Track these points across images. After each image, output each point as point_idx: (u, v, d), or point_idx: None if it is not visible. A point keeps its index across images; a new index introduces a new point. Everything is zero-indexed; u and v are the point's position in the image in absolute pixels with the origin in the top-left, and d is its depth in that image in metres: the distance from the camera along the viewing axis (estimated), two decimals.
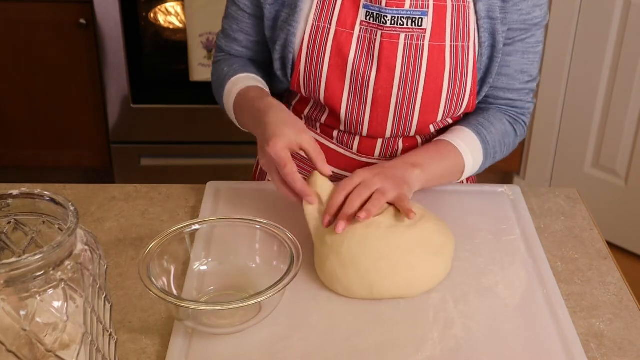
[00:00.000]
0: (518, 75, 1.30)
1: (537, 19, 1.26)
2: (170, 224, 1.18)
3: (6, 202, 0.81)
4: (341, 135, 1.34)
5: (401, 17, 1.21)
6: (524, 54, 1.29)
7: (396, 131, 1.30)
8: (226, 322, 1.00)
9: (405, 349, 0.99)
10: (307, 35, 1.25)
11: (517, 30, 1.26)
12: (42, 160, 2.77)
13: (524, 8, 1.24)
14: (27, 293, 0.74)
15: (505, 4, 1.23)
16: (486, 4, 1.22)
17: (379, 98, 1.25)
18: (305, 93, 1.30)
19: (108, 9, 2.47)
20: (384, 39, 1.22)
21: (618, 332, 1.06)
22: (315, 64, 1.25)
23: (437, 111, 1.28)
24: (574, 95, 2.68)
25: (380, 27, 1.22)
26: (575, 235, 1.25)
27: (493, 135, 1.30)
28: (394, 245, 1.08)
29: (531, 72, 1.31)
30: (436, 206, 1.23)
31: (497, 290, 1.10)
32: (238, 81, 1.30)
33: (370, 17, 1.22)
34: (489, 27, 1.24)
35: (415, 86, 1.24)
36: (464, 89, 1.27)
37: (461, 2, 1.22)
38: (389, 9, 1.21)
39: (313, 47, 1.25)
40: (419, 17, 1.21)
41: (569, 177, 2.78)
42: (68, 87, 2.63)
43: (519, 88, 1.32)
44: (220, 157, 2.73)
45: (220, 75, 1.35)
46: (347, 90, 1.26)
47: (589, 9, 2.54)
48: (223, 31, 1.37)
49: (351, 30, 1.23)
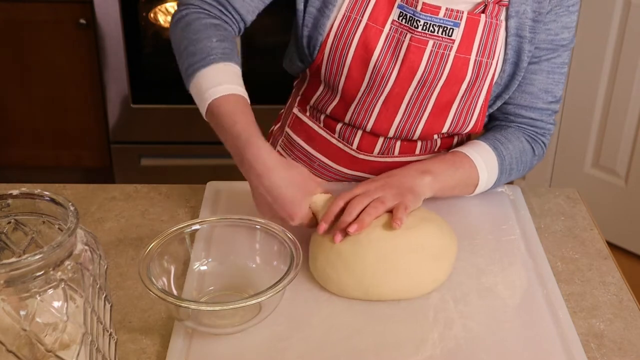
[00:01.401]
0: (542, 94, 1.30)
1: (565, 40, 1.27)
2: (170, 224, 1.18)
3: (6, 202, 0.81)
4: (344, 129, 1.33)
5: (433, 24, 1.21)
6: (549, 74, 1.29)
7: (400, 132, 1.30)
8: (226, 322, 1.00)
9: (405, 349, 0.99)
10: (336, 22, 1.24)
11: (545, 49, 1.26)
12: (42, 160, 2.77)
13: (553, 29, 1.25)
14: (27, 293, 0.74)
15: (536, 24, 1.23)
16: (517, 22, 1.23)
17: (393, 95, 1.25)
18: (324, 77, 1.29)
19: (108, 9, 2.47)
20: (412, 43, 1.22)
21: (618, 332, 1.06)
22: (340, 52, 1.25)
23: (444, 121, 1.28)
24: (574, 95, 2.67)
25: (411, 31, 1.21)
26: (575, 235, 1.25)
27: (510, 151, 1.28)
28: (391, 248, 1.07)
29: (555, 93, 1.31)
30: (436, 206, 1.23)
31: (497, 290, 1.10)
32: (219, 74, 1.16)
33: (403, 19, 1.22)
34: (516, 45, 1.24)
35: (430, 91, 1.25)
36: (475, 104, 1.27)
37: (494, 20, 1.22)
38: (423, 14, 1.21)
39: (341, 36, 1.24)
40: (451, 28, 1.21)
41: (569, 177, 2.78)
42: (68, 87, 2.63)
43: (542, 107, 1.31)
44: (220, 157, 2.70)
45: (190, 39, 1.19)
46: (365, 82, 1.25)
47: (589, 9, 2.54)
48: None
49: (381, 27, 1.23)
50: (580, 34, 2.59)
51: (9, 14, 2.50)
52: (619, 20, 2.49)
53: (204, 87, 1.15)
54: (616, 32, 2.51)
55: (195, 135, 2.70)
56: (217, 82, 1.15)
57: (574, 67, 2.64)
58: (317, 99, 1.34)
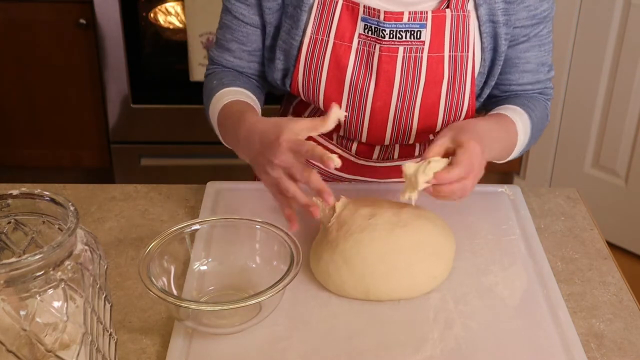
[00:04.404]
0: (540, 68, 1.31)
1: (546, 11, 1.27)
2: (170, 224, 1.18)
3: (6, 202, 0.81)
4: (340, 138, 1.34)
5: (399, 30, 1.20)
6: (540, 47, 1.29)
7: (395, 139, 1.30)
8: (226, 322, 1.00)
9: (405, 349, 0.99)
10: (304, 47, 1.24)
11: (530, 26, 1.26)
12: (42, 160, 2.77)
13: (532, 3, 1.24)
14: (27, 293, 0.74)
15: (509, 5, 1.22)
16: (487, 9, 1.22)
17: (378, 109, 1.25)
18: (305, 100, 1.30)
19: (108, 9, 2.47)
20: (383, 53, 1.21)
21: (618, 332, 1.06)
22: (313, 76, 1.25)
23: (435, 120, 1.28)
24: (574, 95, 2.67)
25: (379, 41, 1.21)
26: (575, 235, 1.25)
27: (537, 112, 1.29)
28: (391, 247, 1.08)
29: (548, 62, 1.33)
30: (436, 206, 1.23)
31: (497, 290, 1.10)
32: (224, 95, 1.26)
33: (369, 31, 1.21)
34: (491, 31, 1.24)
35: (413, 97, 1.24)
36: (462, 98, 1.27)
37: (461, 12, 1.21)
38: (387, 23, 1.19)
39: (311, 59, 1.24)
40: (418, 30, 1.20)
41: (569, 177, 2.78)
42: (68, 87, 2.63)
43: (543, 79, 1.33)
44: (220, 157, 2.72)
45: (208, 87, 1.32)
46: (345, 102, 1.25)
47: (589, 9, 2.54)
48: (216, 42, 1.35)
49: (349, 43, 1.22)
50: (580, 34, 2.59)
51: (9, 14, 2.50)
52: (619, 20, 2.49)
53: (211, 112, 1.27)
54: (616, 32, 2.51)
55: (195, 135, 2.70)
56: (221, 103, 1.25)
57: (574, 67, 2.64)
58: (310, 115, 1.35)
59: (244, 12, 1.28)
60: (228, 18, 1.31)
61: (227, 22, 1.31)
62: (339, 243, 1.08)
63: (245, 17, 1.28)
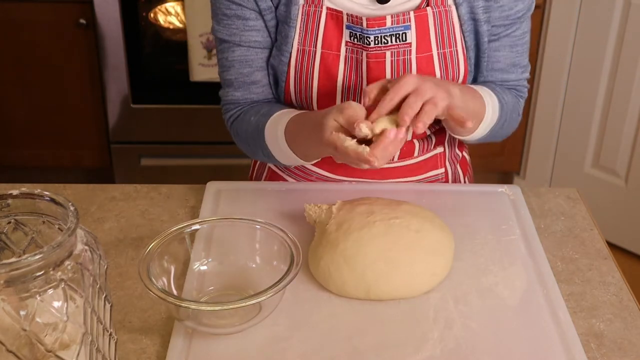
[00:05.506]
0: (511, 68, 1.30)
1: (520, 12, 1.25)
2: (170, 224, 1.18)
3: (6, 202, 0.81)
4: None
5: (384, 35, 1.19)
6: (512, 48, 1.28)
7: None
8: (226, 322, 1.00)
9: (405, 349, 1.00)
10: (292, 60, 1.23)
11: (501, 26, 1.25)
12: (42, 160, 2.77)
13: (506, 4, 1.23)
14: (27, 293, 0.74)
15: (488, 3, 1.22)
16: (467, 7, 1.22)
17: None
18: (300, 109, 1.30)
19: (108, 9, 2.47)
20: (370, 60, 1.21)
21: (618, 332, 1.06)
22: (304, 86, 1.24)
23: None
24: (574, 95, 2.68)
25: (365, 48, 1.20)
26: (575, 235, 1.25)
27: (507, 100, 1.28)
28: (391, 245, 1.08)
29: (522, 64, 1.31)
30: (436, 206, 1.23)
31: (497, 290, 1.10)
32: (278, 119, 1.21)
33: (354, 38, 1.21)
34: (472, 29, 1.24)
35: None
36: None
37: (442, 8, 1.21)
38: (371, 30, 1.19)
39: (301, 71, 1.24)
40: (403, 32, 1.20)
41: (569, 177, 2.78)
42: (68, 87, 2.63)
43: (514, 79, 1.32)
44: (220, 157, 2.73)
45: (250, 127, 1.26)
46: None
47: (589, 9, 2.54)
48: (230, 85, 1.29)
49: (337, 52, 1.22)
50: (580, 34, 2.60)
51: (9, 14, 2.51)
52: (619, 20, 2.49)
53: (270, 141, 1.23)
54: (616, 32, 2.51)
55: (195, 135, 2.70)
56: (276, 129, 1.21)
57: (574, 67, 2.64)
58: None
59: (257, 39, 1.25)
60: (239, 52, 1.26)
61: (239, 57, 1.26)
62: (339, 242, 1.08)
63: (260, 43, 1.26)
